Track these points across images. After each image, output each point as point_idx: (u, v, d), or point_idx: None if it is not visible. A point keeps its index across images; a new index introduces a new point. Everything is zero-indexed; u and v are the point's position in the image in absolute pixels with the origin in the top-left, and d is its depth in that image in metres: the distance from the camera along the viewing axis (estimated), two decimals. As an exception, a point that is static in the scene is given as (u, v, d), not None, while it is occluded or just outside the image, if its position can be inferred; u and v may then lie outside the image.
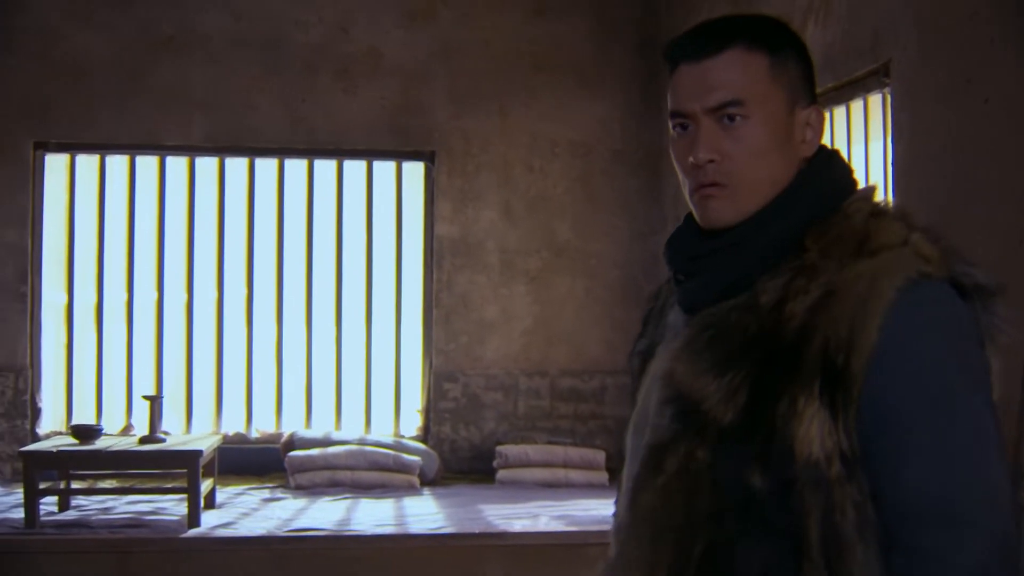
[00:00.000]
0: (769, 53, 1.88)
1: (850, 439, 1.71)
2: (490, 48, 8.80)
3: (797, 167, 1.89)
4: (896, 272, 1.73)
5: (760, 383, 1.75)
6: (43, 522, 6.74)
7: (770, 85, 1.87)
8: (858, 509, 1.71)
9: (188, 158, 8.74)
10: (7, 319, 8.45)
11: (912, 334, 1.72)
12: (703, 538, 1.76)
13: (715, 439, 1.76)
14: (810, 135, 1.90)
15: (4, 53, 8.48)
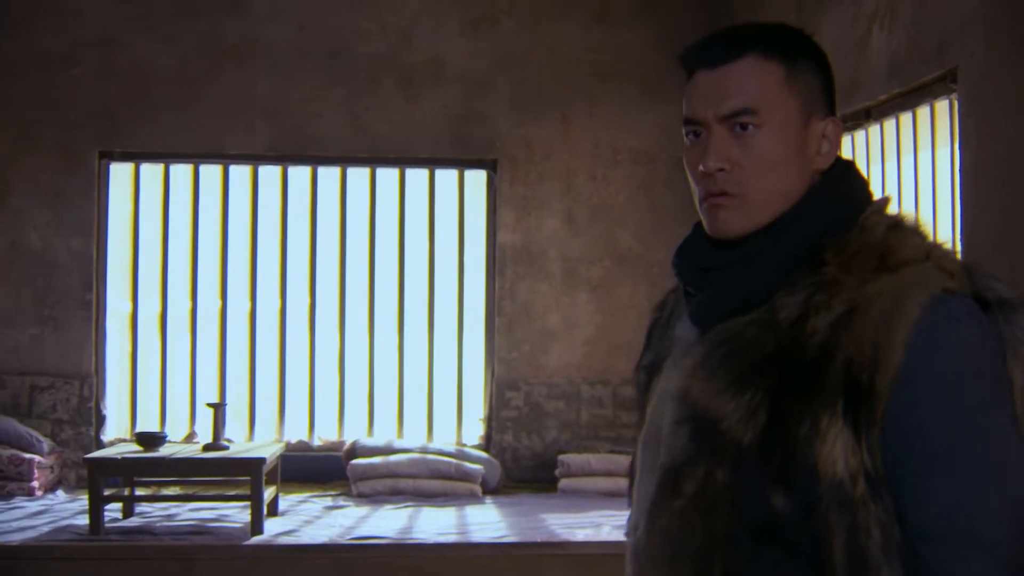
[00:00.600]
0: (785, 62, 1.84)
1: (874, 458, 1.68)
2: (552, 56, 8.77)
3: (810, 179, 1.86)
4: (920, 288, 1.70)
5: (780, 402, 1.71)
6: (107, 528, 6.80)
7: (785, 95, 1.84)
8: (883, 529, 1.69)
9: (251, 167, 8.79)
10: (73, 327, 8.52)
11: (938, 352, 1.69)
12: (721, 561, 1.73)
13: (734, 460, 1.73)
14: (826, 147, 1.86)
15: (69, 64, 8.56)
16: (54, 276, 8.52)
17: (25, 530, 6.87)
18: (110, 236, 8.69)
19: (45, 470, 8.11)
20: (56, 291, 8.53)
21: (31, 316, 8.51)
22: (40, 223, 8.53)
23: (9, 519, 7.19)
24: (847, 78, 6.49)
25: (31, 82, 8.53)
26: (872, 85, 6.21)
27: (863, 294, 1.71)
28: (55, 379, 8.50)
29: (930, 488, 1.69)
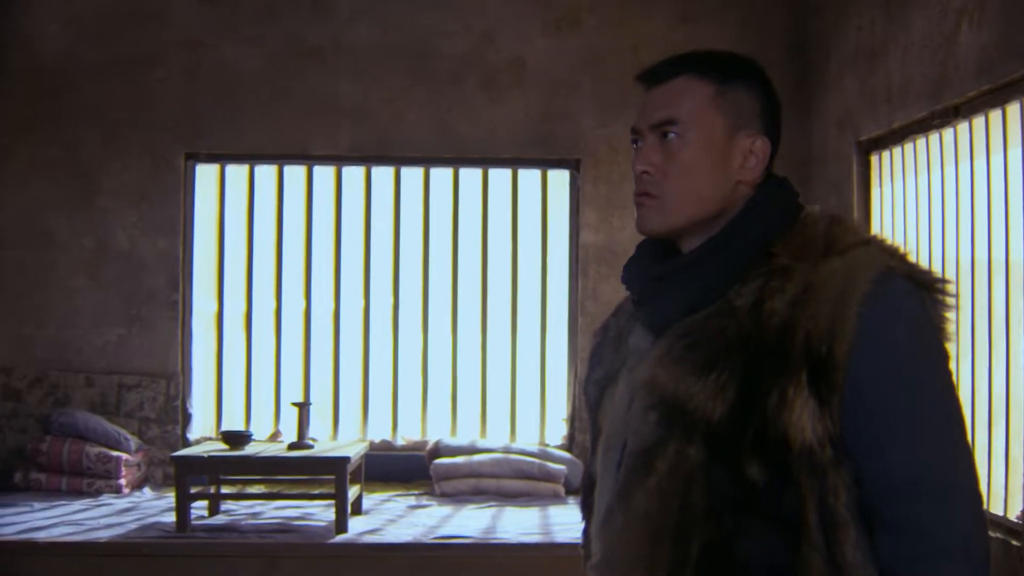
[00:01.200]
0: (716, 83, 2.06)
1: (835, 424, 1.83)
2: (636, 55, 8.71)
3: (733, 188, 2.06)
4: (869, 266, 1.89)
5: (748, 379, 1.86)
6: (194, 526, 6.86)
7: (710, 111, 2.05)
8: (848, 491, 1.84)
9: (335, 167, 8.83)
10: (159, 327, 8.61)
11: (887, 322, 1.86)
12: (700, 536, 1.86)
13: (704, 436, 1.87)
14: (752, 162, 2.06)
15: (155, 66, 8.65)
16: (141, 276, 8.62)
17: (113, 527, 6.94)
18: (196, 236, 8.76)
19: (132, 468, 8.21)
20: (143, 291, 8.62)
21: (119, 316, 8.62)
22: (127, 224, 8.63)
23: (97, 516, 7.28)
24: (935, 74, 6.40)
25: (118, 85, 8.63)
26: (961, 82, 6.11)
27: (817, 275, 1.89)
28: (142, 378, 8.59)
29: (888, 449, 1.84)
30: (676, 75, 2.07)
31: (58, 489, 8.02)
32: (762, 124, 2.08)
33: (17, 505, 7.54)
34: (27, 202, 8.61)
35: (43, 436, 8.17)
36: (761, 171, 2.07)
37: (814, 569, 1.81)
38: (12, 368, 8.55)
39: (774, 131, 2.10)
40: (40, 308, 8.59)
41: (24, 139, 8.62)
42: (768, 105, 2.10)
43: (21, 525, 6.95)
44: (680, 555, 1.88)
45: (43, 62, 8.65)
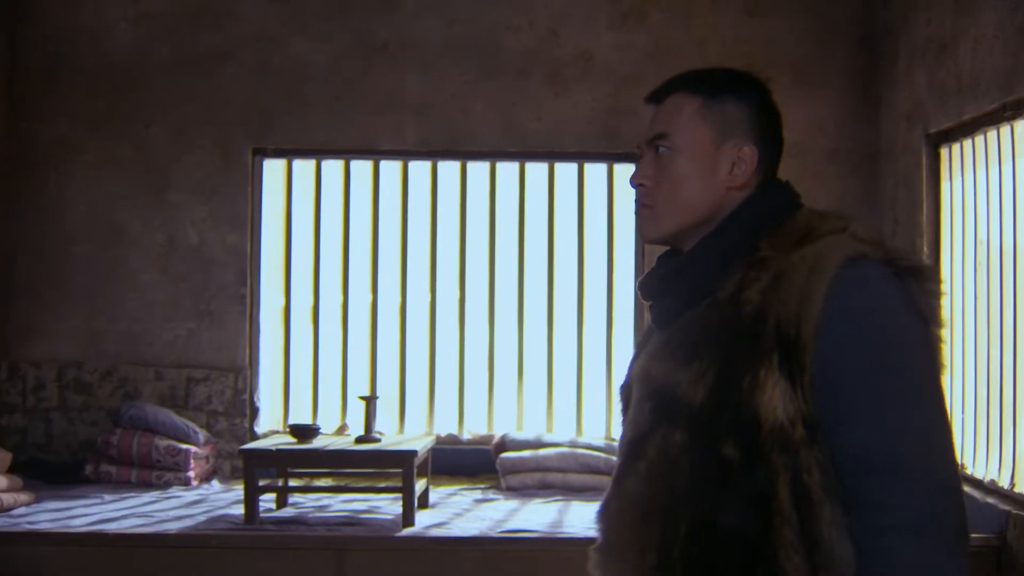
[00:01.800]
0: (704, 97, 2.23)
1: (808, 403, 1.93)
2: (702, 49, 8.69)
3: (723, 195, 2.20)
4: (837, 251, 1.98)
5: (725, 364, 1.98)
6: (262, 519, 6.89)
7: (697, 123, 2.22)
8: (823, 469, 1.92)
9: (402, 162, 8.85)
10: (228, 321, 8.68)
11: (853, 304, 1.94)
12: (685, 515, 1.97)
13: (688, 420, 2.00)
14: (740, 168, 2.19)
15: (224, 63, 8.72)
16: (210, 271, 8.69)
17: (183, 519, 6.99)
18: (264, 231, 8.82)
19: (200, 460, 8.27)
20: (212, 286, 8.69)
21: (188, 310, 8.69)
22: (197, 219, 8.70)
23: (166, 508, 7.34)
24: (1006, 66, 6.33)
25: (188, 81, 8.71)
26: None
27: (788, 262, 2.01)
28: (211, 371, 8.66)
29: (854, 426, 1.91)
30: (670, 93, 2.29)
31: (128, 481, 8.10)
32: (752, 133, 2.22)
33: (88, 497, 7.62)
34: (98, 198, 8.71)
35: (113, 429, 8.25)
36: (750, 176, 2.20)
37: (787, 544, 1.90)
38: (83, 362, 8.66)
39: (767, 139, 2.24)
40: (111, 302, 8.69)
41: (95, 135, 8.71)
42: (759, 115, 2.24)
43: (92, 517, 7.02)
44: (669, 535, 1.99)
45: (113, 59, 8.74)
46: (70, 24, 8.74)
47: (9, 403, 8.63)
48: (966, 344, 7.15)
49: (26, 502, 7.26)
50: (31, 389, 8.62)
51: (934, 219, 7.63)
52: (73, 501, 7.47)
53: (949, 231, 7.50)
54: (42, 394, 8.63)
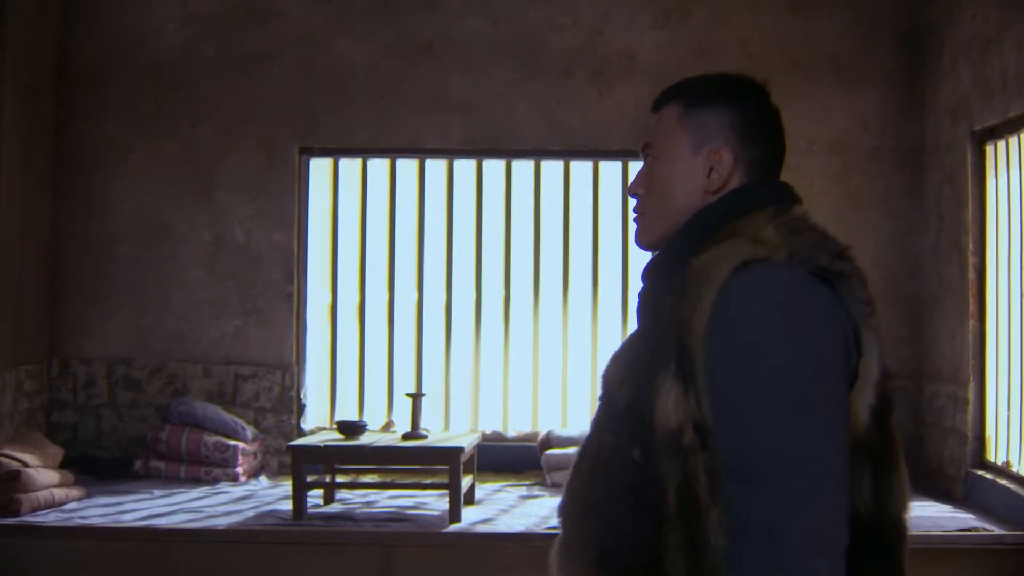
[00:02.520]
0: (684, 104, 2.23)
1: (700, 410, 1.90)
2: (745, 47, 8.70)
3: (701, 200, 2.18)
4: (730, 257, 1.96)
5: (640, 369, 1.99)
6: (310, 514, 6.96)
7: (677, 130, 2.21)
8: (711, 475, 1.88)
9: (447, 160, 8.91)
10: (275, 319, 8.75)
11: (729, 312, 1.91)
12: (608, 516, 2.00)
13: (614, 422, 2.03)
14: (716, 173, 2.17)
15: (270, 63, 8.79)
16: (257, 269, 8.77)
17: (231, 515, 7.09)
18: (310, 229, 8.89)
19: (248, 456, 8.35)
20: (259, 284, 8.77)
21: (236, 308, 8.78)
22: (244, 218, 8.78)
23: (215, 504, 7.43)
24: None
25: (234, 81, 8.80)
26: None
27: (692, 268, 2.00)
28: (258, 368, 8.74)
29: (723, 433, 1.89)
30: (662, 105, 2.29)
31: (177, 477, 8.19)
32: (732, 137, 2.19)
33: (138, 492, 7.72)
34: (146, 197, 8.80)
35: (162, 425, 8.34)
36: (725, 180, 2.18)
37: (671, 548, 1.89)
38: (132, 359, 8.76)
39: (752, 141, 2.21)
40: (159, 300, 8.78)
41: (142, 135, 8.81)
42: (742, 117, 2.21)
43: (142, 512, 7.13)
44: (601, 532, 2.01)
45: (160, 60, 8.83)
46: (119, 25, 8.83)
47: (60, 400, 8.74)
48: (1012, 340, 7.15)
49: (77, 497, 7.37)
50: (82, 386, 8.74)
51: (979, 216, 7.62)
52: (123, 496, 7.57)
53: (995, 228, 7.49)
54: (92, 391, 8.74)
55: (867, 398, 1.97)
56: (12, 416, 8.07)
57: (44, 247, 8.66)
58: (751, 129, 2.21)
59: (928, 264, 8.45)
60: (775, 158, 2.25)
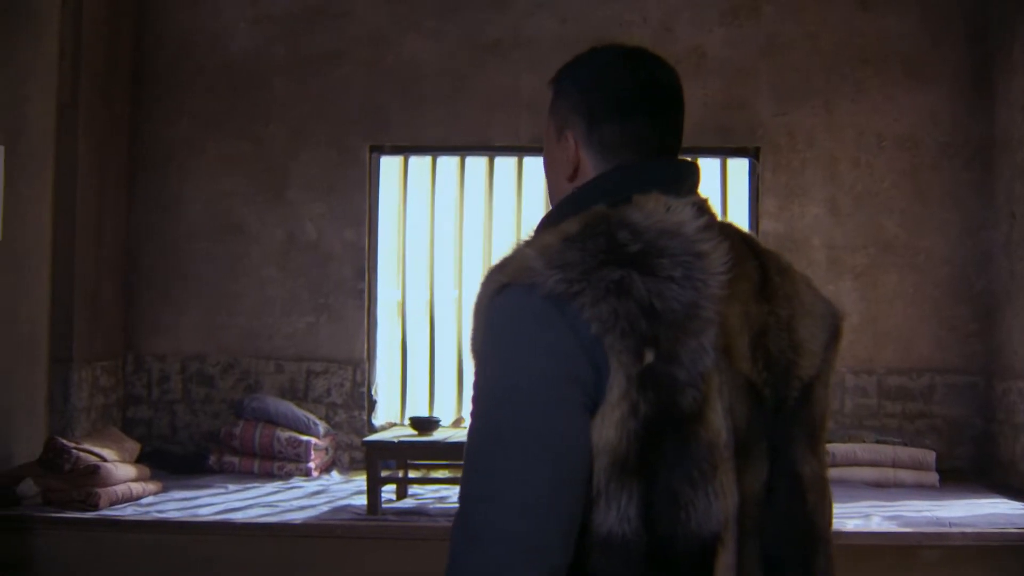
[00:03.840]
0: (553, 89, 2.18)
1: None
2: (815, 42, 8.70)
3: (568, 189, 2.08)
4: (487, 285, 1.89)
5: None
6: (384, 509, 7.01)
7: (547, 117, 2.17)
8: None
9: (517, 158, 8.94)
10: (346, 315, 8.83)
11: (481, 331, 1.89)
12: None
13: None
14: (565, 159, 2.09)
15: (341, 62, 8.87)
16: (328, 266, 8.85)
17: (305, 509, 7.15)
18: (380, 227, 8.95)
19: (320, 452, 8.43)
20: (330, 280, 8.85)
21: (307, 305, 8.86)
22: (315, 215, 8.87)
23: (289, 498, 7.50)
24: None
25: (305, 81, 8.88)
26: None
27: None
28: (329, 364, 8.83)
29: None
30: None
31: (250, 472, 8.29)
32: (577, 119, 2.08)
33: (213, 487, 7.81)
34: (218, 195, 8.90)
35: (236, 421, 8.44)
36: (574, 168, 2.09)
37: None
38: (205, 355, 8.87)
39: (594, 123, 2.07)
40: (232, 297, 8.88)
41: (214, 134, 8.91)
42: (591, 93, 2.09)
43: (218, 506, 7.21)
44: None
45: (232, 59, 8.93)
46: (191, 26, 8.94)
47: (135, 395, 8.87)
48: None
49: (153, 491, 7.46)
50: (156, 382, 8.86)
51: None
52: (198, 491, 7.66)
53: (1068, 224, 7.45)
54: (166, 386, 8.86)
55: (615, 417, 1.81)
56: (88, 411, 8.20)
57: (119, 246, 8.79)
58: (601, 108, 2.07)
59: (999, 260, 8.41)
60: (640, 138, 2.08)
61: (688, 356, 1.83)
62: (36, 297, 7.69)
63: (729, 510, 1.87)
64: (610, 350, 1.81)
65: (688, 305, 1.84)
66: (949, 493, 7.72)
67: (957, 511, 7.05)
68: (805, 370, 2.05)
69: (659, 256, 1.87)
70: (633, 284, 1.83)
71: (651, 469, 1.82)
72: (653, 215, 1.93)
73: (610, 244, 1.87)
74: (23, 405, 7.54)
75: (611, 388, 1.81)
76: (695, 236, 1.91)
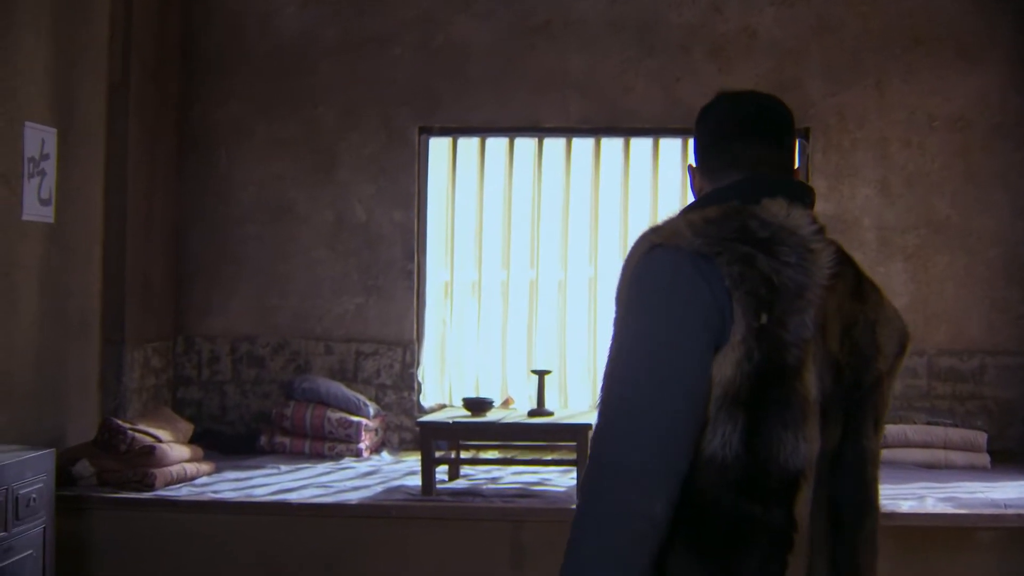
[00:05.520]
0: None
1: None
2: (866, 22, 8.65)
3: None
4: (638, 246, 2.46)
5: None
6: (438, 490, 7.04)
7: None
8: None
9: (566, 139, 8.92)
10: (395, 296, 8.85)
11: (628, 282, 2.44)
12: None
13: None
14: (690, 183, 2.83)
15: (390, 44, 8.87)
16: (378, 247, 8.87)
17: (359, 489, 7.19)
18: (429, 208, 8.97)
19: (371, 432, 8.47)
20: (379, 262, 8.87)
21: (356, 286, 8.88)
22: (364, 196, 8.89)
23: (342, 479, 7.55)
24: None
25: (355, 63, 8.89)
26: None
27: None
28: (379, 346, 8.86)
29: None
30: None
31: (301, 452, 8.33)
32: (696, 155, 2.84)
33: (265, 467, 7.86)
34: (268, 178, 8.93)
35: (286, 402, 8.48)
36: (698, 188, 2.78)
37: None
38: (255, 336, 8.91)
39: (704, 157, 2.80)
40: (282, 279, 8.92)
41: (264, 117, 8.94)
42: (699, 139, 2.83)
43: (272, 487, 7.25)
44: None
45: (281, 43, 8.95)
46: (241, 9, 8.96)
47: (185, 376, 8.92)
48: None
49: (207, 472, 7.51)
50: (206, 363, 8.92)
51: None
52: (251, 471, 7.71)
53: (1124, 204, 7.41)
54: (216, 367, 8.91)
55: (734, 357, 2.30)
56: (140, 392, 8.26)
57: (170, 228, 8.83)
58: (706, 147, 2.70)
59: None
60: (738, 162, 2.62)
61: (794, 324, 2.34)
62: (88, 279, 7.74)
63: (812, 455, 2.35)
64: (737, 302, 2.31)
65: (799, 286, 2.36)
66: (1001, 474, 7.69)
67: (1010, 492, 7.03)
68: (880, 365, 2.55)
69: (780, 244, 2.39)
70: (758, 259, 2.35)
71: (755, 406, 2.31)
72: (778, 215, 2.45)
73: (742, 228, 2.41)
74: (76, 386, 7.61)
75: (734, 333, 2.30)
76: (809, 237, 2.43)
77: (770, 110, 2.71)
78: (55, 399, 7.28)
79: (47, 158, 6.96)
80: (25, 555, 5.51)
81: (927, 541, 6.49)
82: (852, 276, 2.55)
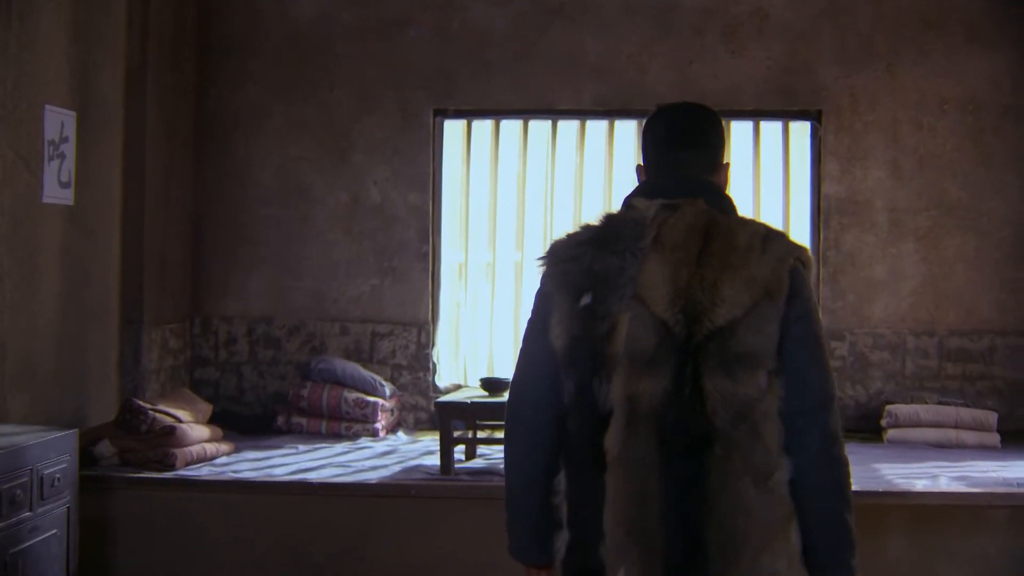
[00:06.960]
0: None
1: None
2: (878, 5, 8.69)
3: None
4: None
5: None
6: (456, 469, 7.10)
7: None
8: None
9: (580, 121, 8.97)
10: (410, 278, 8.91)
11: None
12: None
13: None
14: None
15: (406, 27, 8.91)
16: (393, 229, 8.93)
17: (377, 469, 7.25)
18: (444, 190, 9.02)
19: (387, 412, 8.53)
20: (394, 243, 8.93)
21: (372, 267, 8.95)
22: (380, 178, 8.94)
23: (360, 459, 7.60)
24: None
25: (371, 45, 8.93)
26: None
27: None
28: (394, 326, 8.92)
29: None
30: None
31: (318, 432, 8.39)
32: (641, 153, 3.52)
33: (283, 447, 7.92)
34: (285, 160, 8.98)
35: (303, 382, 8.54)
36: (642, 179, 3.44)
37: None
38: (272, 317, 8.98)
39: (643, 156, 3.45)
40: (298, 260, 8.98)
41: (281, 100, 8.99)
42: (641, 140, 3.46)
43: (291, 466, 7.30)
44: None
45: (299, 26, 8.99)
46: (257, -8, 9.03)
47: (202, 357, 9.00)
48: None
49: (227, 452, 7.56)
50: (223, 343, 8.99)
51: None
52: (270, 451, 7.76)
53: None
54: (233, 348, 8.98)
55: (561, 331, 3.08)
56: (158, 373, 8.33)
57: (187, 210, 8.90)
58: (643, 147, 3.35)
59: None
60: (657, 163, 3.29)
61: (610, 301, 3.01)
62: (107, 261, 7.78)
63: (618, 398, 2.94)
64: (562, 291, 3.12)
65: (617, 271, 3.03)
66: (1011, 454, 7.76)
67: (1021, 471, 7.09)
68: (721, 317, 2.89)
69: (616, 239, 3.10)
70: (586, 256, 3.10)
71: (579, 366, 3.04)
72: (638, 211, 3.16)
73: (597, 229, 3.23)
74: (96, 367, 7.65)
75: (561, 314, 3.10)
76: (647, 224, 3.07)
77: (681, 122, 3.26)
78: (76, 380, 7.34)
79: (67, 141, 7.00)
80: (50, 534, 5.58)
81: (942, 519, 6.56)
82: (697, 245, 2.98)
